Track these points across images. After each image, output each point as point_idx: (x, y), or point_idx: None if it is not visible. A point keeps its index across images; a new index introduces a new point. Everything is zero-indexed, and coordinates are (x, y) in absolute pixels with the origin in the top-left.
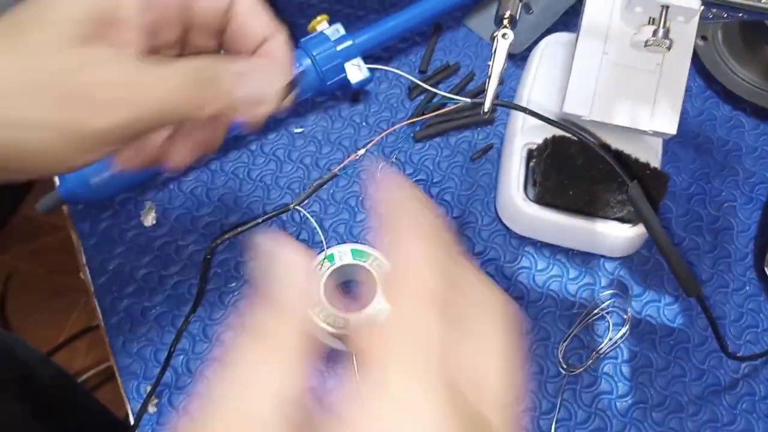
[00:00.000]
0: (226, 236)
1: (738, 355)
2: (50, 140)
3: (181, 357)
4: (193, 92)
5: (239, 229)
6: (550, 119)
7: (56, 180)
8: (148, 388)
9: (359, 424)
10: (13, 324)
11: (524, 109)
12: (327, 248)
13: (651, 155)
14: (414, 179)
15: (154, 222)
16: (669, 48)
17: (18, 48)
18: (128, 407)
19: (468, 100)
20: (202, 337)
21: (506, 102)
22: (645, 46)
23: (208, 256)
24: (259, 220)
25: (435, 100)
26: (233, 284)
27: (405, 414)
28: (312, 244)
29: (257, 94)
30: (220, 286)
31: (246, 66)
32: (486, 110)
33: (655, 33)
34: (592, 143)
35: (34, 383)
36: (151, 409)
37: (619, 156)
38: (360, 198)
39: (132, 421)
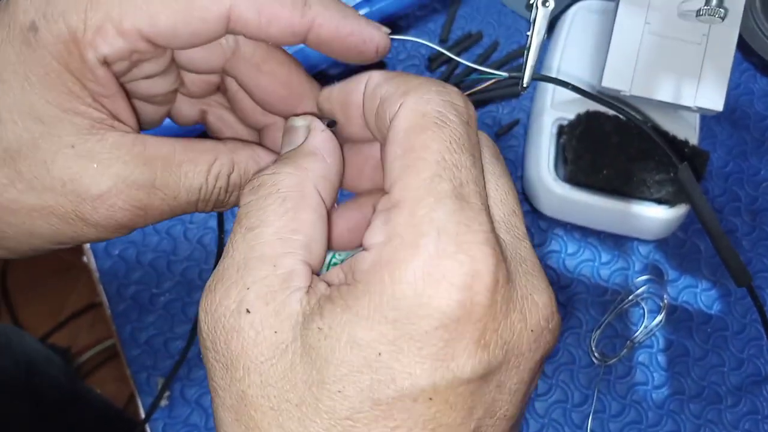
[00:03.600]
0: None
1: None
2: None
3: (194, 348)
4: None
5: None
6: (597, 96)
7: None
8: (159, 380)
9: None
10: (14, 301)
11: (567, 85)
12: None
13: (689, 132)
14: None
15: None
16: (723, 18)
17: None
18: (138, 401)
19: (504, 74)
20: None
21: (547, 76)
22: (697, 16)
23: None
24: None
25: (457, 71)
26: None
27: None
28: None
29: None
30: None
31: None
32: (525, 85)
33: (708, 2)
34: (640, 121)
35: (38, 380)
36: (163, 402)
37: (660, 134)
38: None
39: (143, 415)
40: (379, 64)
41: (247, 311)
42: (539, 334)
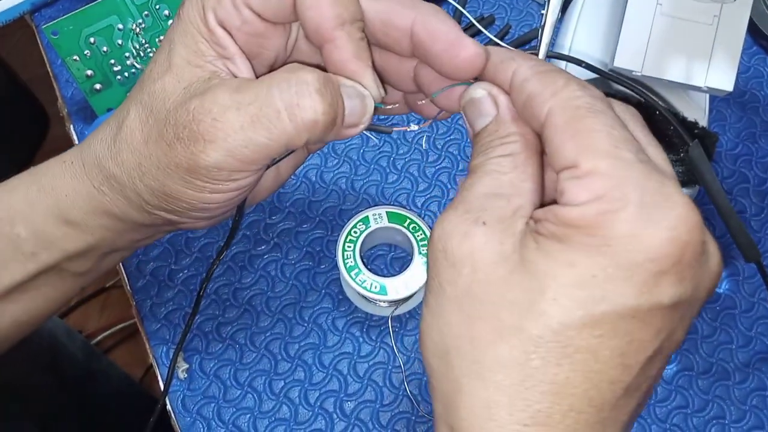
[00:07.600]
0: None
1: None
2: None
3: (211, 322)
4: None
5: None
6: (612, 75)
7: (74, 138)
8: (179, 354)
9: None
10: None
11: (581, 63)
12: (360, 210)
13: (698, 114)
14: (447, 139)
15: None
16: None
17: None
18: (158, 374)
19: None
20: (232, 301)
21: (562, 54)
22: None
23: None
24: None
25: None
26: (262, 247)
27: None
28: (344, 206)
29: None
30: (249, 248)
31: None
32: None
33: None
34: (653, 100)
35: (61, 354)
36: (182, 375)
37: (672, 113)
38: (391, 158)
39: (161, 385)
40: None
41: (483, 223)
42: (711, 281)
